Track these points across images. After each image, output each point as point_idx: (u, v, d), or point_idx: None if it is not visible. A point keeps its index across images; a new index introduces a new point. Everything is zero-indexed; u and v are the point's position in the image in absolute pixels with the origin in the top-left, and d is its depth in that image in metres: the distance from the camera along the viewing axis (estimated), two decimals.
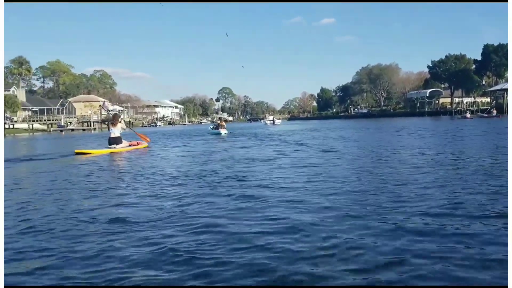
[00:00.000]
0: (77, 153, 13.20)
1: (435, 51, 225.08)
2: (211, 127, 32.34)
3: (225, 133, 27.53)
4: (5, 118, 56.51)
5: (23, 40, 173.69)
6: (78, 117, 71.94)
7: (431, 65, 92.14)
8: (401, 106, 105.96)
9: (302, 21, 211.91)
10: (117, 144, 14.55)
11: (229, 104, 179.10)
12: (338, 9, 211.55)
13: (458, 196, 5.14)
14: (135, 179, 7.64)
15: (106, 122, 67.46)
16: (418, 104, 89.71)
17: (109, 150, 14.05)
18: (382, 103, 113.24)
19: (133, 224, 4.29)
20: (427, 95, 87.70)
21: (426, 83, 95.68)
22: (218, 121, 31.54)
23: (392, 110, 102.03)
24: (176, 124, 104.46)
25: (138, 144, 15.69)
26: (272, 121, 68.61)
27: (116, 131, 14.75)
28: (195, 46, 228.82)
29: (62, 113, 75.53)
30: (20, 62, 75.07)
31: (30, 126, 60.32)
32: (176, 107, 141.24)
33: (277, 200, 5.21)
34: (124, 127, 15.75)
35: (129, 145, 15.12)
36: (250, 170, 8.22)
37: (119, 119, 15.53)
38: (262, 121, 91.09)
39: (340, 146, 14.22)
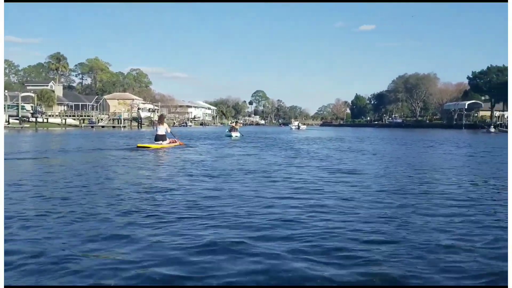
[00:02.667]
0: (139, 147, 16.09)
1: (476, 62, 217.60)
2: (227, 130, 33.18)
3: (236, 136, 28.49)
4: (37, 112, 57.75)
5: (65, 37, 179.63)
6: (110, 114, 72.99)
7: (471, 76, 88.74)
8: (437, 117, 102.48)
9: (342, 26, 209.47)
10: (163, 141, 16.83)
11: (262, 108, 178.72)
12: (380, 16, 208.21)
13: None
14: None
15: (139, 121, 69.39)
16: (455, 116, 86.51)
17: (159, 146, 16.33)
18: (418, 114, 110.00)
19: None
20: (466, 107, 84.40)
21: (465, 95, 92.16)
22: (233, 124, 33.23)
23: (428, 121, 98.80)
24: (208, 125, 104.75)
25: (176, 141, 17.91)
26: (297, 127, 69.96)
27: (161, 130, 16.96)
28: (233, 48, 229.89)
29: (96, 110, 76.94)
30: (57, 58, 77.08)
31: (63, 121, 61.52)
32: (209, 108, 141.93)
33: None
34: (168, 129, 17.50)
35: (170, 142, 17.33)
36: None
37: (165, 120, 17.81)
38: (288, 126, 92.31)
39: (355, 163, 11.92)
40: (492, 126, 56.45)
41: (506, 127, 59.36)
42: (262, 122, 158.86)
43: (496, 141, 27.22)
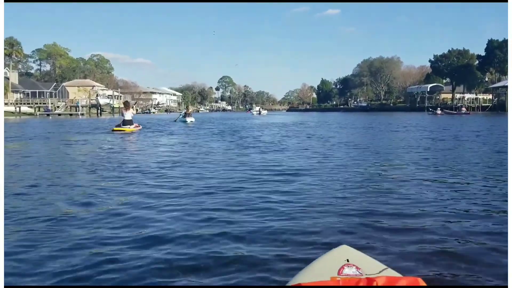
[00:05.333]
0: (114, 130, 18.32)
1: (438, 45, 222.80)
2: (181, 115, 33.66)
3: (192, 121, 29.22)
4: None
5: (20, 21, 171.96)
6: (67, 101, 70.05)
7: (433, 60, 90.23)
8: (401, 100, 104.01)
9: (307, 10, 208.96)
10: (130, 125, 18.81)
11: (228, 93, 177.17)
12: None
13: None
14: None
15: (98, 108, 66.93)
16: (418, 99, 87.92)
17: (130, 129, 18.50)
18: (382, 97, 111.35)
19: None
20: (428, 90, 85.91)
21: (428, 78, 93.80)
22: (186, 110, 33.78)
23: (392, 105, 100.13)
24: (172, 112, 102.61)
25: (139, 126, 20.01)
26: (258, 112, 72.02)
27: (128, 115, 18.91)
28: (198, 33, 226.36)
29: (55, 97, 73.83)
30: (10, 43, 73.12)
31: (17, 109, 58.68)
32: (174, 95, 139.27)
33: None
34: (135, 112, 19.65)
35: (136, 127, 19.27)
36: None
37: (131, 105, 19.87)
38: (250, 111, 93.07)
39: (296, 154, 10.02)
40: (439, 109, 58.69)
41: (460, 108, 61.82)
42: (229, 108, 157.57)
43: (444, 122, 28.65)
